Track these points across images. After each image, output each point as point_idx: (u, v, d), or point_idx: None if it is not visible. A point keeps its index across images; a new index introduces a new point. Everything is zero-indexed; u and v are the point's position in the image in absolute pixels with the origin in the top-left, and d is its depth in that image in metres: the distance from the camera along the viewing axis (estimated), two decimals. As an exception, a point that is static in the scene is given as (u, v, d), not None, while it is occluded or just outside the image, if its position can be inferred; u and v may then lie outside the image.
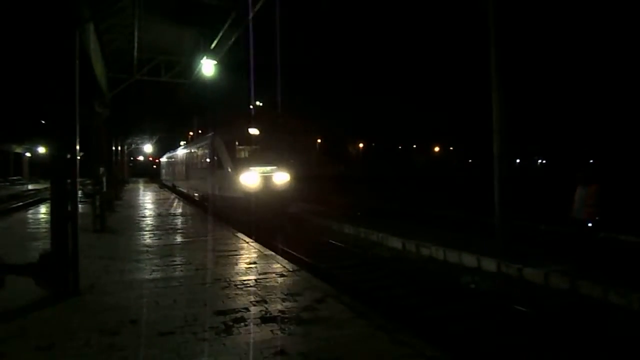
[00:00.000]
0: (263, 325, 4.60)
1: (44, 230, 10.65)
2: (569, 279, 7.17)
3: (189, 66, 14.69)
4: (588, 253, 8.29)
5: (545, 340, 5.43)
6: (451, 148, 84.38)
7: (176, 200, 22.20)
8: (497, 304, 6.72)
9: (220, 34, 11.16)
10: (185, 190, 24.72)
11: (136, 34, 11.40)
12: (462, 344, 5.25)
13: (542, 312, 6.29)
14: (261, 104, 35.95)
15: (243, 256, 8.26)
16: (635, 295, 6.26)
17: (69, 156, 5.69)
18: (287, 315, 4.88)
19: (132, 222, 13.21)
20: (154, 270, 7.06)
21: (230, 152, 14.96)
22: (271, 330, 4.45)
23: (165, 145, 45.21)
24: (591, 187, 8.69)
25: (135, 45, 12.27)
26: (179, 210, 17.40)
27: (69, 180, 5.66)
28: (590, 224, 8.60)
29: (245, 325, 4.59)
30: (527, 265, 7.95)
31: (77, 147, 5.86)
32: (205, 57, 11.96)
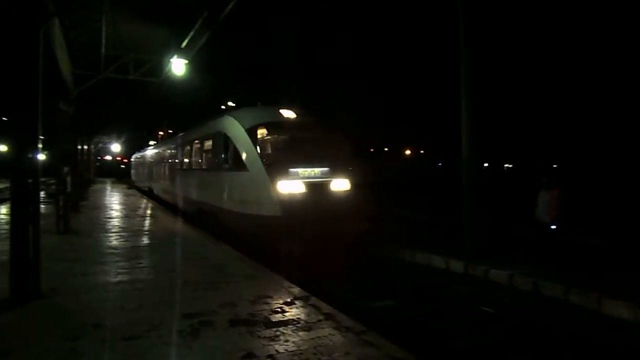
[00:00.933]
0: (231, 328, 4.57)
1: (4, 232, 10.25)
2: (531, 281, 7.39)
3: (159, 65, 14.40)
4: (550, 255, 8.59)
5: (509, 340, 5.57)
6: (422, 151, 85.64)
7: (152, 207, 21.60)
8: (464, 305, 6.86)
9: (192, 33, 11.01)
10: (168, 199, 18.25)
11: (104, 30, 11.11)
12: (430, 344, 5.33)
13: (506, 312, 6.46)
14: (234, 104, 35.36)
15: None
16: (593, 294, 6.51)
17: (30, 155, 5.50)
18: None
19: (98, 224, 12.85)
20: (119, 273, 6.89)
21: (255, 143, 9.75)
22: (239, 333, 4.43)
23: (134, 144, 44.28)
24: (554, 191, 9.02)
25: (103, 41, 11.96)
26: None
27: (30, 180, 5.47)
28: (553, 227, 8.93)
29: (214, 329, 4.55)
30: (492, 267, 8.16)
31: (40, 146, 5.68)
32: (175, 56, 11.76)
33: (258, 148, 9.79)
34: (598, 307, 6.40)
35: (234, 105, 33.99)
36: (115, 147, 47.41)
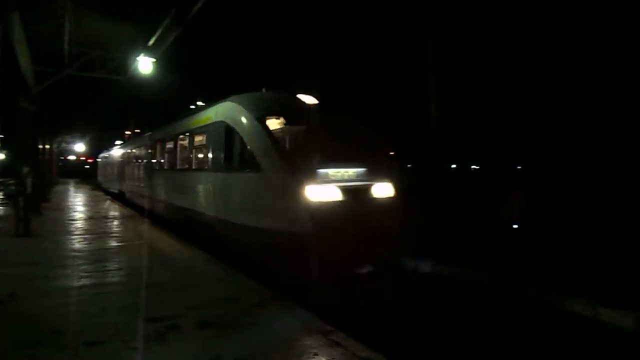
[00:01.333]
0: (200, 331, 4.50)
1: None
2: (492, 279, 7.58)
3: (125, 62, 14.08)
4: (512, 253, 8.85)
5: (467, 337, 5.69)
6: (392, 153, 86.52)
7: (118, 209, 21.02)
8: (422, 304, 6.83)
9: (159, 31, 10.81)
10: (144, 204, 15.50)
11: (67, 26, 10.78)
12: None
13: (462, 310, 6.54)
14: (204, 104, 34.77)
15: None
16: (554, 295, 6.74)
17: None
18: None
19: (61, 226, 12.43)
20: (82, 277, 6.68)
21: (271, 136, 7.63)
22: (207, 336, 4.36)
23: (100, 144, 43.03)
24: (517, 192, 9.31)
25: (66, 38, 11.61)
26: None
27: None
28: (515, 226, 9.21)
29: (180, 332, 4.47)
30: (455, 266, 8.31)
31: (-3, 145, 5.45)
32: (142, 54, 11.51)
33: (275, 143, 7.52)
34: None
35: (203, 104, 33.37)
36: (80, 147, 46.01)
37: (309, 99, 8.54)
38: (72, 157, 64.30)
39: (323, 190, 6.87)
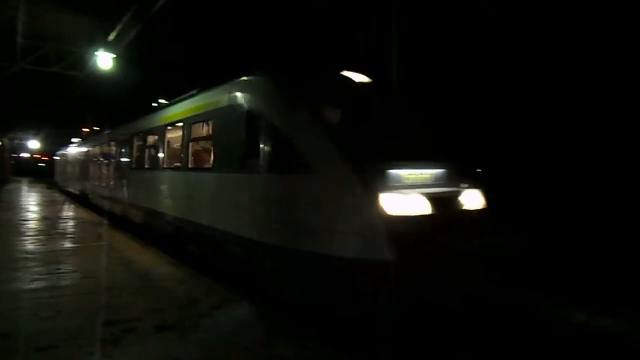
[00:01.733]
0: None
1: None
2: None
3: (84, 58, 13.62)
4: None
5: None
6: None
7: (75, 209, 20.21)
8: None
9: (120, 26, 10.52)
10: (116, 209, 13.20)
11: (21, 17, 10.33)
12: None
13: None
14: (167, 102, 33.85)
15: None
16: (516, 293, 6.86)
17: None
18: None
19: (12, 226, 11.87)
20: (34, 280, 6.41)
21: (324, 123, 5.68)
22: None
23: (55, 141, 41.37)
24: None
25: (20, 30, 11.11)
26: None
27: None
28: None
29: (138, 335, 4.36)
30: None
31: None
32: (101, 49, 11.17)
33: (329, 132, 5.41)
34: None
35: (166, 102, 32.46)
36: (34, 144, 44.13)
37: (360, 77, 6.71)
38: (25, 155, 61.54)
39: (404, 200, 4.92)
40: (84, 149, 21.29)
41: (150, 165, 10.81)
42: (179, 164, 9.00)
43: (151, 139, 10.93)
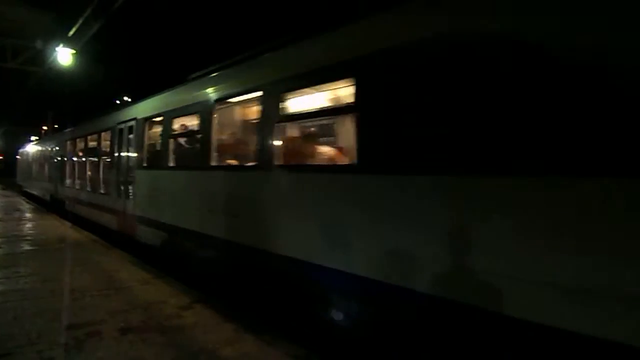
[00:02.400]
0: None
1: None
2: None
3: (42, 53, 13.13)
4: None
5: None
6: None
7: (33, 209, 19.38)
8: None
9: (80, 21, 10.20)
10: (108, 222, 10.52)
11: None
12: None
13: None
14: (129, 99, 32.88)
15: None
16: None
17: None
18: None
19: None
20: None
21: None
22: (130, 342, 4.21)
23: (12, 139, 39.74)
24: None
25: (-28, 23, 10.64)
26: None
27: None
28: None
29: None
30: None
31: None
32: (61, 45, 10.81)
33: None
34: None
35: (129, 100, 31.22)
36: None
37: None
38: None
39: None
40: (57, 145, 16.89)
41: (176, 163, 7.74)
42: (239, 161, 6.19)
43: (180, 125, 7.75)
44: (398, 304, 3.68)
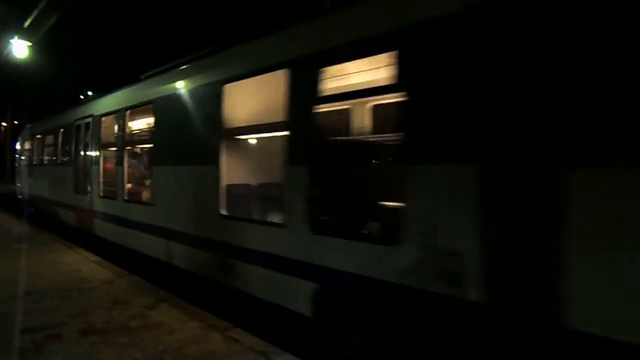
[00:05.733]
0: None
1: None
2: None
3: (-3, 45, 12.54)
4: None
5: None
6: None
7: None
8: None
9: (36, 12, 9.77)
10: (111, 238, 8.23)
11: None
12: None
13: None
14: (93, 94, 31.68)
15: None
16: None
17: None
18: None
19: None
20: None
21: None
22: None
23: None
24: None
25: None
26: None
27: None
28: None
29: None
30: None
31: None
32: (16, 37, 10.34)
33: None
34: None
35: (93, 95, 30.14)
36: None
37: None
38: None
39: None
40: (33, 141, 13.68)
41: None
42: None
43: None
44: None
